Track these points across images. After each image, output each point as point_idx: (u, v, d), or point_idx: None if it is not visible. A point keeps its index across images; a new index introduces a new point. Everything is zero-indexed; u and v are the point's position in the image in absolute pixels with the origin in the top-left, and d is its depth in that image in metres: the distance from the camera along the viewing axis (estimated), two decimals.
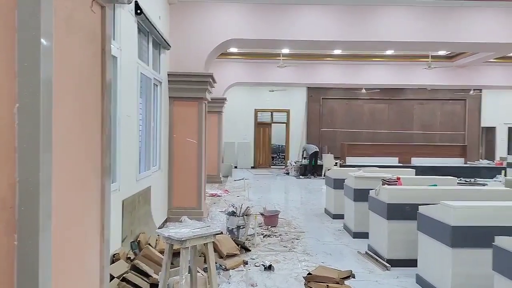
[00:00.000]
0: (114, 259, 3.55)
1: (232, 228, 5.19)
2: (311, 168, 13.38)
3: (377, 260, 4.43)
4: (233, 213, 5.27)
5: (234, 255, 4.42)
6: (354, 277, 3.70)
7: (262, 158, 16.26)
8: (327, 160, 12.80)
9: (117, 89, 3.86)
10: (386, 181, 4.96)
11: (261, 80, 12.19)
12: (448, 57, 11.56)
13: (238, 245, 4.67)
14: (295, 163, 14.03)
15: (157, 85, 5.89)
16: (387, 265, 4.25)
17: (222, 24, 6.71)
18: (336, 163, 12.78)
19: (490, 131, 16.28)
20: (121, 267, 3.45)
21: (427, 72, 11.56)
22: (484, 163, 14.29)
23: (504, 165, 12.73)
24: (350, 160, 13.42)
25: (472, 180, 12.03)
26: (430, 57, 11.02)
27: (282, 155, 17.15)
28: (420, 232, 3.79)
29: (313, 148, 13.52)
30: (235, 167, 15.10)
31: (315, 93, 15.47)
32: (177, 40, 6.51)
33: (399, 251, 4.30)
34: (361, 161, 12.89)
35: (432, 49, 9.28)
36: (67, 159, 1.54)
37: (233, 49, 10.49)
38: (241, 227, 5.19)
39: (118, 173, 3.89)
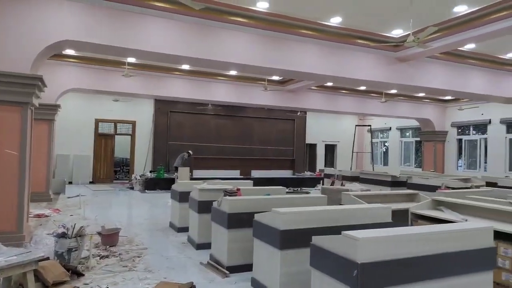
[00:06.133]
0: None
1: (62, 252, 4.58)
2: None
3: (217, 268, 4.62)
4: (63, 235, 4.67)
5: (63, 283, 3.91)
6: None
7: (103, 172, 14.99)
8: (184, 173, 12.28)
9: None
10: (227, 193, 5.27)
11: (103, 88, 11.28)
12: (281, 82, 13.22)
13: (68, 270, 4.15)
14: (140, 176, 13.42)
15: None
16: (227, 272, 4.48)
17: (56, 22, 5.99)
18: (190, 176, 12.54)
19: (312, 147, 19.33)
20: None
21: (264, 94, 12.93)
22: (307, 174, 16.91)
23: (322, 175, 15.23)
24: (197, 173, 13.70)
25: (299, 189, 13.93)
26: (266, 81, 12.40)
27: (126, 169, 16.17)
28: (255, 238, 4.12)
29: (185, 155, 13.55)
30: (70, 182, 13.49)
31: (163, 105, 15.28)
32: None
33: (237, 258, 4.58)
34: (207, 174, 13.34)
35: (267, 73, 10.47)
36: None
37: (70, 52, 9.45)
38: (73, 249, 4.64)
39: None
